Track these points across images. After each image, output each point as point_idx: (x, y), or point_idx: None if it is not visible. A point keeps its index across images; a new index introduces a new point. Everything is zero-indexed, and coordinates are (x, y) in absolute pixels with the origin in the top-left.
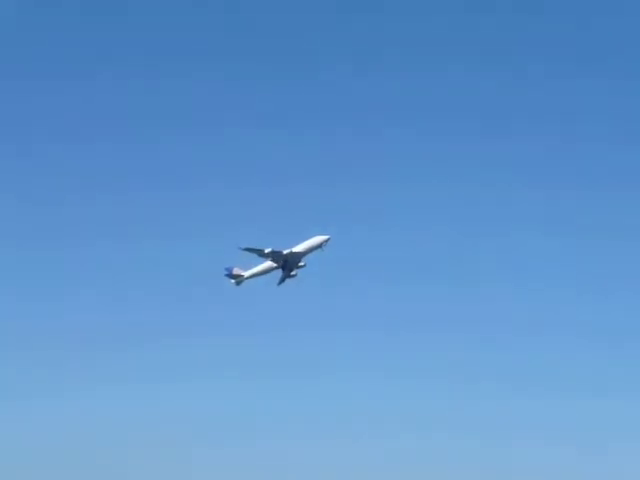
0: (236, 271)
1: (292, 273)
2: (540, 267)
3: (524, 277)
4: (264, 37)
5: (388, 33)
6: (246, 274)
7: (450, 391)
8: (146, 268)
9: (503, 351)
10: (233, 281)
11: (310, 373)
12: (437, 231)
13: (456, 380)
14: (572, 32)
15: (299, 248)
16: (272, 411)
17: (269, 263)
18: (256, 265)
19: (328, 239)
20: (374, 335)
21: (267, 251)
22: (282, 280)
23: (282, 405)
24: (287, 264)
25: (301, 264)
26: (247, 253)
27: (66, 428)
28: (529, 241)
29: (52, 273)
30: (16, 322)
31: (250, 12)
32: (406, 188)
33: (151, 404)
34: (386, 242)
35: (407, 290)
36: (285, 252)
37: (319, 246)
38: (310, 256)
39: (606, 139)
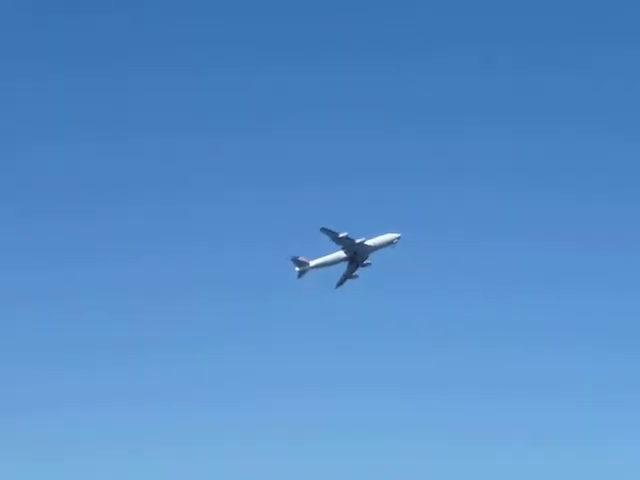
0: (302, 258)
1: (354, 273)
2: None
3: None
4: None
5: None
6: (312, 263)
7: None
8: None
9: None
10: (297, 269)
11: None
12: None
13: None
14: None
15: (370, 242)
16: None
17: (337, 254)
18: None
19: (399, 237)
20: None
21: (341, 235)
22: (342, 281)
23: None
24: (355, 256)
25: (367, 261)
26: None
27: None
28: None
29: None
30: None
31: None
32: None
33: None
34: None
35: (472, 303)
36: (357, 241)
37: (390, 243)
38: (377, 255)
39: None
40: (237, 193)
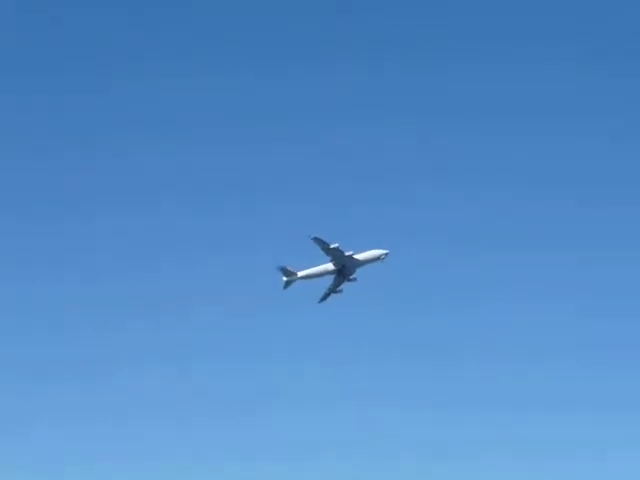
0: (290, 268)
1: (339, 288)
2: None
3: None
4: None
5: None
6: (300, 273)
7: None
8: None
9: None
10: (285, 279)
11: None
12: None
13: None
14: None
15: (359, 256)
16: None
17: (325, 266)
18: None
19: (387, 253)
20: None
21: (333, 246)
22: (326, 296)
23: None
24: (343, 269)
25: (353, 276)
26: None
27: None
28: None
29: None
30: None
31: None
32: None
33: None
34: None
35: (452, 322)
36: (347, 254)
37: (377, 258)
38: (363, 270)
39: None
40: (228, 200)
